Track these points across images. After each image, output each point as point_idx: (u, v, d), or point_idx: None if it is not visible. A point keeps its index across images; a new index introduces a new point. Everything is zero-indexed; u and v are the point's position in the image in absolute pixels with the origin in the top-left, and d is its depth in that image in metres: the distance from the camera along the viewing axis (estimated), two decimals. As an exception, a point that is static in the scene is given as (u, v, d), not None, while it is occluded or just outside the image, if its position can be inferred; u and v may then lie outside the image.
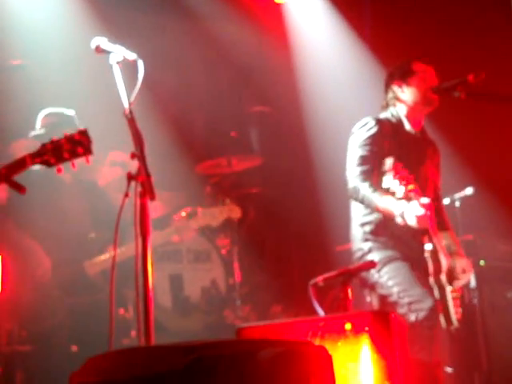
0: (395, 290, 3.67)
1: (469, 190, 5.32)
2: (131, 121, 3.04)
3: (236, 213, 4.80)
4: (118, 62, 3.14)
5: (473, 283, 4.97)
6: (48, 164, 2.99)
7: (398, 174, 3.46)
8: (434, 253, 3.60)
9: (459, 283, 3.79)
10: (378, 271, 3.73)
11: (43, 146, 3.00)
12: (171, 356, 2.09)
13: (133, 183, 2.96)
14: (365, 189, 3.70)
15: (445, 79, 3.93)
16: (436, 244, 3.60)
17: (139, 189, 2.95)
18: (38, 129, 4.45)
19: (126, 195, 2.97)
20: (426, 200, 3.51)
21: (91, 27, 4.75)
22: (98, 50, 3.18)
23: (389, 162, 3.49)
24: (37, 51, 4.97)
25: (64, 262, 4.23)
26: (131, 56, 3.14)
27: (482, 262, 5.13)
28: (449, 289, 3.62)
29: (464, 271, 3.81)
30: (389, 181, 3.49)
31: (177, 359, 2.04)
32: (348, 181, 3.80)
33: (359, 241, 3.87)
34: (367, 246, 3.83)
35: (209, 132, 6.03)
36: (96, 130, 4.38)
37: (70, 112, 4.47)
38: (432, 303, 3.56)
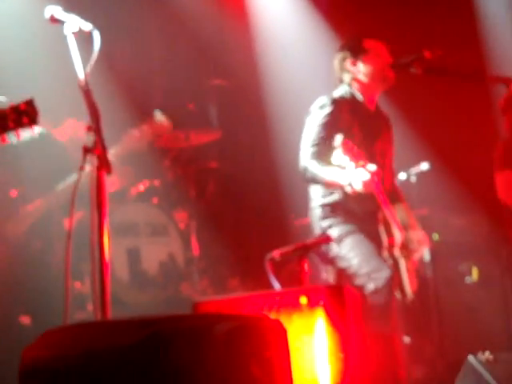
0: (355, 260, 3.73)
1: (424, 165, 5.39)
2: (87, 92, 3.00)
3: (165, 126, 4.54)
4: (73, 33, 3.08)
5: (427, 257, 5.06)
6: None
7: (347, 150, 3.50)
8: (388, 227, 3.68)
9: (417, 255, 3.87)
10: (338, 244, 3.79)
11: None
12: (127, 330, 2.09)
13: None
14: (313, 166, 3.75)
15: (402, 56, 3.95)
16: (389, 218, 3.67)
17: (95, 162, 2.92)
18: None
19: (81, 168, 2.94)
20: (372, 167, 3.55)
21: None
22: (53, 19, 3.11)
23: (338, 138, 3.52)
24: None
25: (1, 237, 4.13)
26: (87, 26, 3.08)
27: (435, 236, 5.22)
28: (402, 262, 3.70)
29: (420, 243, 3.89)
30: (338, 157, 3.53)
31: (133, 333, 2.05)
32: (300, 162, 3.83)
33: (318, 219, 3.92)
34: (326, 223, 3.88)
35: (167, 105, 5.95)
36: (52, 100, 4.32)
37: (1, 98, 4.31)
38: (389, 273, 3.65)
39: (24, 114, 2.88)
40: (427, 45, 3.87)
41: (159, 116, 4.54)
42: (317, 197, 3.94)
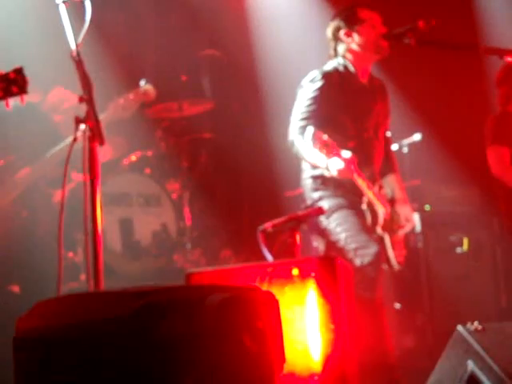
0: (343, 236, 3.76)
1: (417, 136, 5.40)
2: (79, 63, 2.98)
3: (150, 95, 4.49)
4: (64, 2, 3.05)
5: (418, 227, 5.09)
6: None
7: (318, 142, 3.50)
8: (370, 205, 3.70)
9: (403, 231, 3.90)
10: (327, 218, 3.81)
11: None
12: (121, 301, 2.11)
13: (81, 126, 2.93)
14: (299, 142, 3.76)
15: (395, 26, 3.93)
16: (371, 197, 3.70)
17: (88, 133, 2.92)
18: None
19: (75, 139, 2.94)
20: (346, 153, 3.57)
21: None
22: (44, -12, 3.08)
23: (309, 130, 3.53)
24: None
25: None
26: (78, -5, 3.05)
27: (427, 207, 5.26)
28: (387, 236, 3.73)
29: (407, 220, 3.92)
30: (309, 149, 3.58)
31: (126, 304, 2.06)
32: (289, 134, 3.85)
33: (309, 190, 3.93)
34: (317, 194, 3.89)
35: (159, 76, 5.91)
36: (44, 71, 4.29)
37: None
38: (376, 249, 3.68)
39: (13, 82, 2.85)
40: (421, 15, 3.85)
41: (144, 84, 4.51)
42: (308, 168, 3.96)
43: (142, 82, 4.54)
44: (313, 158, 3.68)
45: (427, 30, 3.80)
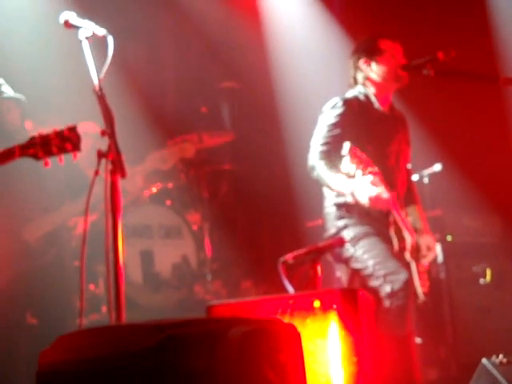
0: (371, 262, 3.71)
1: (437, 167, 5.38)
2: (101, 97, 3.02)
3: (189, 151, 4.65)
4: (87, 38, 3.10)
5: (440, 258, 5.05)
6: (36, 157, 2.99)
7: (354, 158, 3.50)
8: (398, 231, 3.68)
9: (425, 261, 3.86)
10: (354, 245, 3.78)
11: (32, 138, 3.00)
12: (142, 334, 2.11)
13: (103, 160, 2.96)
14: (320, 167, 3.75)
15: (415, 57, 3.95)
16: (399, 222, 3.67)
17: (110, 166, 2.95)
18: None
19: (97, 173, 2.97)
20: (380, 190, 3.55)
21: (59, 1, 4.67)
22: (67, 24, 3.14)
23: (346, 146, 3.53)
24: (3, 25, 4.89)
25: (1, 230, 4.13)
26: (101, 31, 3.11)
27: (449, 237, 5.21)
28: (413, 264, 3.70)
29: (429, 249, 3.89)
30: (346, 165, 3.54)
31: (147, 337, 2.06)
32: (308, 159, 3.84)
33: (333, 219, 3.90)
34: (342, 223, 3.87)
35: (179, 108, 5.98)
36: (67, 104, 4.35)
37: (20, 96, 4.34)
38: (407, 275, 3.64)
39: (67, 140, 2.95)
40: (441, 46, 3.86)
41: (183, 142, 4.60)
42: (331, 196, 3.93)
43: (183, 139, 4.70)
44: (336, 183, 3.67)
45: (447, 61, 3.82)
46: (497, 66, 5.70)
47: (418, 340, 4.77)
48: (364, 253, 3.75)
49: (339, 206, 3.88)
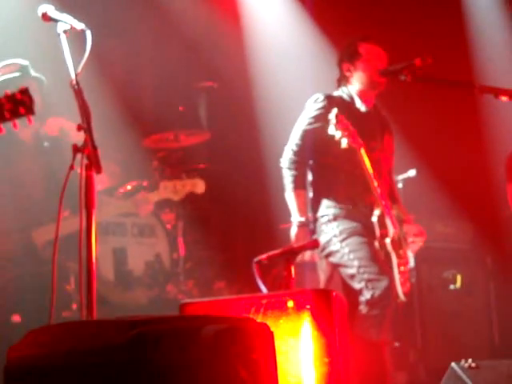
0: (356, 263, 3.72)
1: (412, 172, 5.42)
2: (78, 92, 2.99)
3: (200, 187, 4.72)
4: (65, 31, 3.08)
5: (411, 263, 5.09)
6: None
7: (340, 124, 3.55)
8: (381, 218, 3.70)
9: (415, 246, 3.88)
10: (341, 241, 3.79)
11: None
12: (114, 330, 2.10)
13: (78, 155, 2.94)
14: (287, 174, 3.90)
15: (392, 63, 3.98)
16: (384, 211, 3.69)
17: (85, 161, 2.92)
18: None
19: (72, 167, 2.94)
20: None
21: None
22: (45, 17, 3.11)
23: (333, 112, 3.57)
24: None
25: (11, 230, 4.11)
26: (79, 25, 3.09)
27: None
28: (395, 260, 3.70)
29: (417, 235, 3.91)
30: (332, 130, 3.57)
31: (119, 334, 2.05)
32: (284, 152, 3.91)
33: (324, 208, 3.91)
34: (332, 211, 3.87)
35: (156, 106, 5.96)
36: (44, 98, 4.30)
37: (24, 62, 4.30)
38: (387, 282, 3.65)
39: (20, 103, 2.82)
40: (418, 52, 3.90)
41: (194, 178, 4.74)
42: (317, 186, 4.00)
43: (193, 175, 4.80)
44: (290, 203, 3.87)
45: (424, 67, 3.86)
46: (473, 73, 5.76)
47: (396, 344, 4.79)
48: (350, 252, 3.76)
49: (328, 196, 3.92)
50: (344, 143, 3.60)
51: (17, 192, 4.17)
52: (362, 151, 3.69)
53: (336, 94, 4.03)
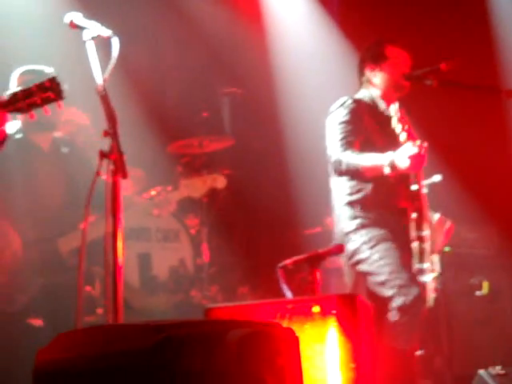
0: (386, 269, 3.63)
1: (437, 177, 5.37)
2: (104, 98, 3.02)
3: (221, 182, 4.69)
4: (92, 38, 3.10)
5: (437, 269, 5.04)
6: (21, 111, 2.94)
7: (402, 118, 3.52)
8: (419, 221, 3.63)
9: (440, 238, 3.81)
10: (370, 248, 3.68)
11: (14, 94, 2.94)
12: (140, 334, 2.10)
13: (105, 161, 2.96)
14: (347, 156, 3.69)
15: (417, 66, 3.96)
16: (423, 210, 3.63)
17: (111, 167, 2.94)
18: (15, 88, 4.30)
19: (98, 173, 2.96)
20: (419, 142, 3.56)
21: (65, 2, 4.68)
22: (72, 25, 3.14)
23: (395, 105, 3.58)
24: (6, 25, 4.89)
25: (36, 240, 4.14)
26: (106, 32, 3.11)
27: (446, 248, 5.21)
28: (428, 264, 3.62)
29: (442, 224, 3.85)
30: (395, 123, 3.55)
31: (146, 338, 2.05)
32: (331, 157, 3.77)
33: (346, 219, 3.79)
34: (356, 223, 3.76)
35: (181, 112, 5.98)
36: (70, 104, 4.34)
37: (49, 69, 4.33)
38: (418, 291, 3.57)
39: (49, 90, 2.89)
40: (444, 57, 3.88)
41: (216, 175, 4.73)
42: (342, 195, 3.84)
43: (216, 173, 4.78)
44: (372, 159, 3.63)
45: (449, 71, 3.83)
46: (499, 78, 5.72)
47: (419, 352, 4.74)
48: (380, 258, 3.65)
49: (353, 204, 3.78)
50: (403, 136, 3.53)
51: (39, 201, 4.20)
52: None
53: (358, 96, 3.98)
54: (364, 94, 3.99)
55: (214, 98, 6.11)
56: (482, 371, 3.35)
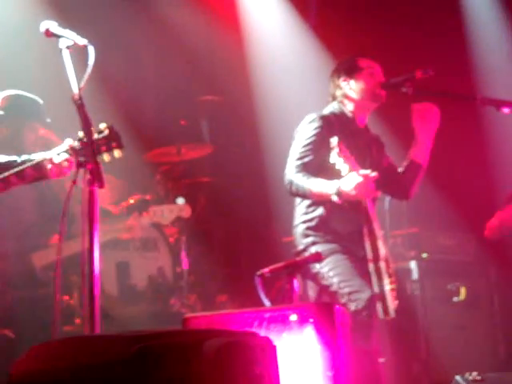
0: (335, 280, 3.72)
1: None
2: (80, 106, 3.00)
3: (186, 212, 4.81)
4: (68, 47, 3.09)
5: (415, 275, 5.08)
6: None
7: (342, 152, 3.52)
8: (373, 240, 3.66)
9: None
10: (319, 262, 3.76)
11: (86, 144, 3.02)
12: (117, 345, 2.09)
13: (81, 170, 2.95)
14: (298, 178, 3.73)
15: (393, 76, 3.99)
16: (375, 231, 3.66)
17: (88, 176, 2.93)
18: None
19: (74, 182, 2.95)
20: (365, 171, 3.57)
21: (40, 10, 4.66)
22: (48, 33, 3.13)
23: (334, 140, 3.54)
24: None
25: (9, 253, 4.12)
26: (82, 41, 3.10)
27: (424, 255, 5.25)
28: (387, 280, 3.67)
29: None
30: (334, 157, 3.54)
31: (123, 348, 2.05)
32: (285, 176, 3.82)
33: (300, 237, 3.91)
34: (308, 240, 3.87)
35: (158, 120, 5.98)
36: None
37: (39, 99, 4.31)
38: (370, 294, 3.62)
39: (111, 139, 3.07)
40: (419, 65, 3.91)
41: (182, 202, 4.84)
42: (299, 214, 3.95)
43: (181, 200, 4.88)
44: (320, 186, 3.65)
45: (425, 79, 3.86)
46: (474, 85, 5.77)
47: (382, 360, 4.76)
48: (330, 270, 3.75)
49: (306, 222, 3.89)
50: (345, 170, 3.55)
51: (14, 215, 4.18)
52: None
53: (327, 110, 4.00)
54: (333, 106, 4.01)
55: (192, 105, 6.11)
56: (458, 377, 3.37)
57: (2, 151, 4.13)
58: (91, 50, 3.06)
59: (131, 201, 5.07)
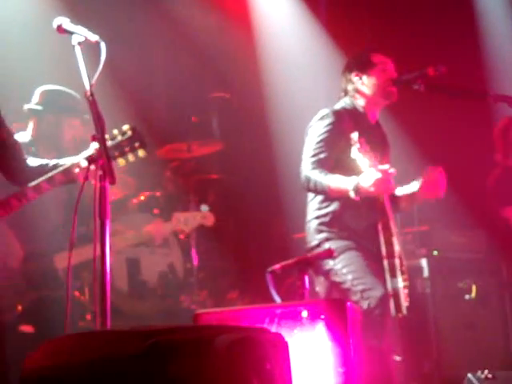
0: (349, 277, 3.70)
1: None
2: (92, 103, 3.01)
3: (209, 220, 4.79)
4: (79, 43, 3.10)
5: (426, 273, 5.07)
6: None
7: (362, 147, 3.51)
8: (388, 236, 3.64)
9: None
10: (333, 259, 3.75)
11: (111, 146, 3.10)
12: (129, 340, 2.10)
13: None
14: (315, 174, 3.72)
15: (405, 72, 3.97)
16: (391, 227, 3.65)
17: (99, 172, 2.94)
18: (34, 103, 4.29)
19: (86, 178, 2.96)
20: (384, 167, 3.56)
21: (53, 7, 4.67)
22: (60, 30, 3.13)
23: (355, 135, 3.54)
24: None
25: (35, 254, 4.11)
26: (94, 37, 3.11)
27: (435, 252, 5.23)
28: (400, 277, 3.66)
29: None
30: (355, 152, 3.54)
31: (134, 344, 2.05)
32: (301, 172, 3.80)
33: (313, 232, 3.89)
34: (321, 236, 3.85)
35: (169, 116, 5.99)
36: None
37: (76, 94, 4.30)
38: (383, 292, 3.61)
39: (135, 139, 3.16)
40: (431, 62, 3.89)
41: (205, 209, 4.84)
42: (313, 209, 3.92)
43: (204, 207, 4.87)
44: (337, 181, 3.64)
45: (436, 76, 3.85)
46: (486, 82, 5.75)
47: (397, 358, 4.75)
48: (343, 267, 3.73)
49: (320, 218, 3.86)
50: (364, 166, 3.54)
51: (42, 217, 4.18)
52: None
53: (339, 105, 3.99)
54: (345, 101, 3.99)
55: (203, 102, 6.12)
56: (470, 375, 3.37)
57: (40, 147, 4.16)
58: (103, 47, 3.06)
59: (142, 197, 5.08)
